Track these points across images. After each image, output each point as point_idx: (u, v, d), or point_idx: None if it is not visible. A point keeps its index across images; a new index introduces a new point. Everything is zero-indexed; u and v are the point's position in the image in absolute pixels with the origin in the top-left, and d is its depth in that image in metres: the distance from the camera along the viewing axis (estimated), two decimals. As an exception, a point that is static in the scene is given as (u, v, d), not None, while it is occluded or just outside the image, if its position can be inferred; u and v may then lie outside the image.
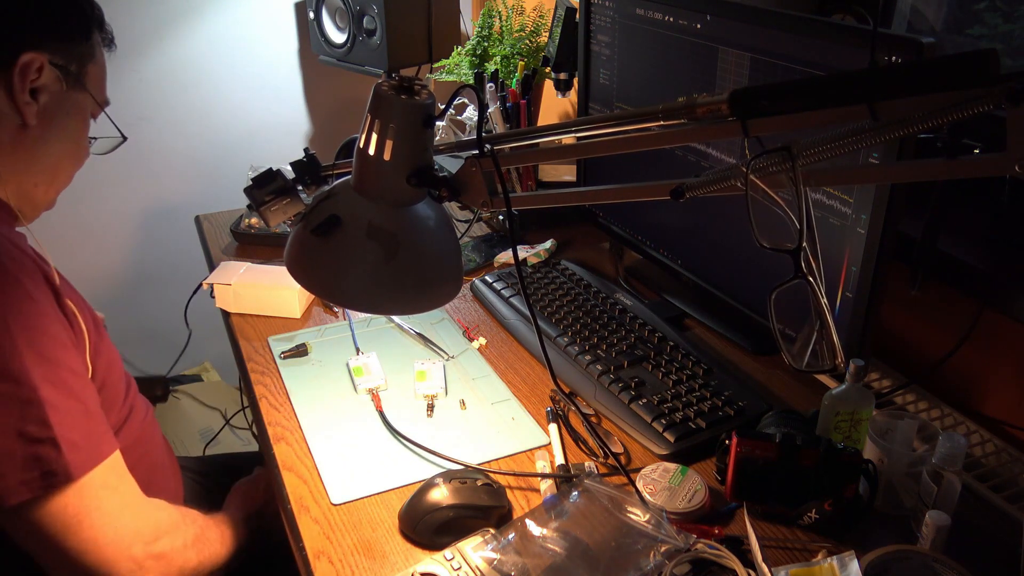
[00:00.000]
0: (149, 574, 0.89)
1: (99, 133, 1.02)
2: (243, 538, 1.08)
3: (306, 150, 0.89)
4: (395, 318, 1.32)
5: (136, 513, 0.91)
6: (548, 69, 1.62)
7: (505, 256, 1.52)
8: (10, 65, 0.85)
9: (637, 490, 0.92)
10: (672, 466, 0.97)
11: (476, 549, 0.84)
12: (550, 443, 1.04)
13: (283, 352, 1.23)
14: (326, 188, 0.85)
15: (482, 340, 1.27)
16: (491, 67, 1.78)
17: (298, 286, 0.99)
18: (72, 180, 1.01)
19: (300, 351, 1.23)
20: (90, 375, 0.93)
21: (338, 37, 2.02)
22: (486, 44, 1.85)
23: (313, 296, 1.37)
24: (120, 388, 1.03)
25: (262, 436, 1.08)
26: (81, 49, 0.92)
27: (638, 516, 0.85)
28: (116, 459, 0.90)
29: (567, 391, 1.14)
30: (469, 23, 2.21)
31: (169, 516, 0.96)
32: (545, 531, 0.84)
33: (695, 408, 1.06)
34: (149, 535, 0.91)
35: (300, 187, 0.88)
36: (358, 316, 1.33)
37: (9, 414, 0.80)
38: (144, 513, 0.92)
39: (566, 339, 1.22)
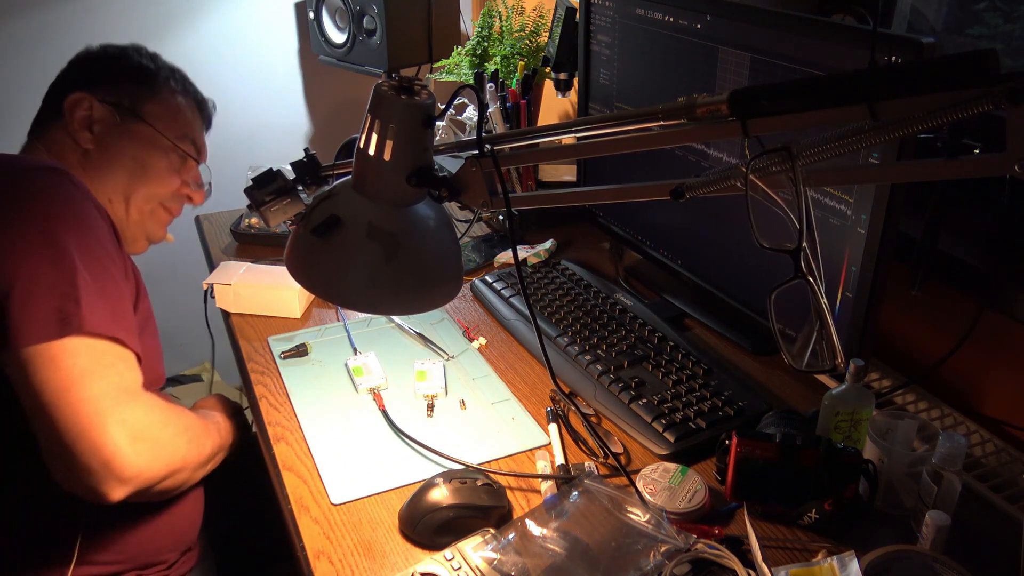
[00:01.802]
0: (137, 457, 0.89)
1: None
2: (234, 435, 1.15)
3: (306, 150, 0.89)
4: (395, 318, 1.32)
5: (133, 399, 0.92)
6: (548, 69, 1.62)
7: (505, 256, 1.52)
8: (61, 102, 1.10)
9: (637, 490, 0.92)
10: (672, 466, 0.97)
11: (476, 549, 0.84)
12: (550, 443, 1.04)
13: (283, 352, 1.23)
14: (326, 188, 0.85)
15: (482, 340, 1.27)
16: (491, 67, 1.78)
17: (298, 286, 0.99)
18: (169, 212, 1.24)
19: (300, 351, 1.23)
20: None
21: (338, 37, 2.02)
22: (486, 44, 1.85)
23: (313, 296, 1.37)
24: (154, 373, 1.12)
25: (262, 436, 1.08)
26: (138, 90, 1.15)
27: (638, 516, 0.85)
28: (131, 354, 0.94)
29: (567, 391, 1.14)
30: (469, 23, 2.21)
31: (161, 407, 0.97)
32: (545, 531, 0.84)
33: (695, 408, 1.06)
34: (143, 421, 0.92)
35: (300, 187, 0.88)
36: (357, 316, 1.33)
37: (49, 272, 0.89)
38: (140, 402, 0.93)
39: (566, 339, 1.22)
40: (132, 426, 0.89)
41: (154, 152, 1.16)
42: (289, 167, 0.89)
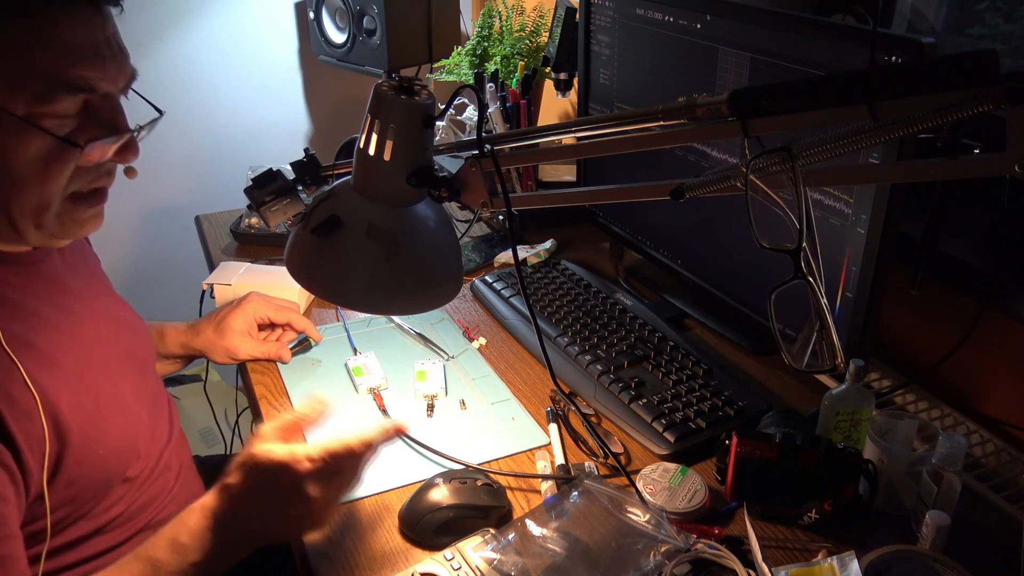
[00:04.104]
0: None
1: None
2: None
3: (306, 150, 0.89)
4: (395, 318, 1.32)
5: None
6: (548, 69, 1.62)
7: (505, 256, 1.52)
8: None
9: (637, 490, 0.92)
10: (672, 466, 0.97)
11: (476, 549, 0.84)
12: (550, 443, 1.04)
13: (283, 352, 1.23)
14: (326, 188, 0.85)
15: (482, 340, 1.27)
16: (491, 67, 1.78)
17: (298, 286, 0.99)
18: (91, 198, 0.89)
19: (304, 346, 1.24)
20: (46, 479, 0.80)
21: (338, 37, 2.02)
22: (486, 44, 1.85)
23: (313, 296, 1.37)
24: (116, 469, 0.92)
25: (262, 436, 1.08)
26: None
27: (638, 516, 0.85)
28: None
29: (567, 391, 1.14)
30: (469, 23, 2.21)
31: None
32: (545, 531, 0.84)
33: (695, 408, 1.06)
34: None
35: (300, 187, 0.88)
36: (357, 316, 1.33)
37: None
38: None
39: (566, 339, 1.22)
40: None
41: (5, 140, 0.74)
42: (289, 167, 0.89)
